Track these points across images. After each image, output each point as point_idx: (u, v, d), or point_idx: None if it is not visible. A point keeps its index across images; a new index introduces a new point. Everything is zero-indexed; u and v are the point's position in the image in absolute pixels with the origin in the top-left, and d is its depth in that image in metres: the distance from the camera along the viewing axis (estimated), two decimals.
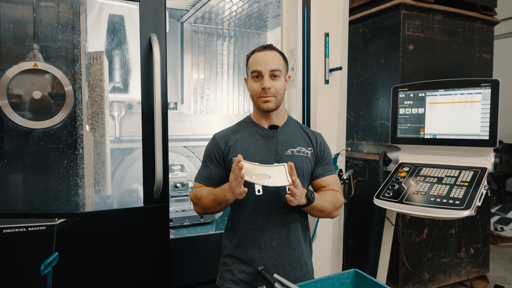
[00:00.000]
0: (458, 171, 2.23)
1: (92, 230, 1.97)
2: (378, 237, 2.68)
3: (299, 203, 1.51)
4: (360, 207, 3.35)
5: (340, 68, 2.52)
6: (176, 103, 3.33)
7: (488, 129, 2.16)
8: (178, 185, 2.83)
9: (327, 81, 2.55)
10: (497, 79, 2.14)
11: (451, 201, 2.03)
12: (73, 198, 2.02)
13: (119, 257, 2.04)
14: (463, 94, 2.27)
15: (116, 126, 2.89)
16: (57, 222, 1.89)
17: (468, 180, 2.13)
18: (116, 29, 2.63)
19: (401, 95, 2.52)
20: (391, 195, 2.26)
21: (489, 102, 2.16)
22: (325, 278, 1.45)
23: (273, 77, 1.60)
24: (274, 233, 1.61)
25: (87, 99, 2.07)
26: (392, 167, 2.58)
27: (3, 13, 1.85)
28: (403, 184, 2.30)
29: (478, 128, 2.20)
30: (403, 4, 3.03)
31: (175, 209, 2.72)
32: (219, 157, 1.67)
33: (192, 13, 3.18)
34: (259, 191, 1.44)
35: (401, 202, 2.18)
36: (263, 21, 3.46)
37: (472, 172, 2.18)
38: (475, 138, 2.21)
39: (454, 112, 2.30)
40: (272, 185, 1.47)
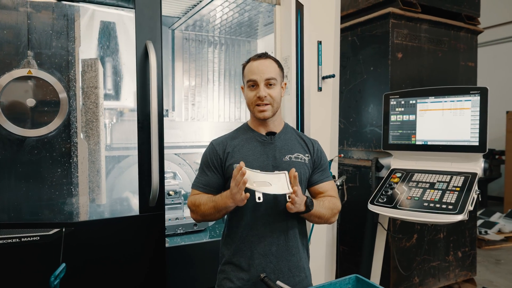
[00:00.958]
0: (449, 177, 2.28)
1: (87, 239, 1.93)
2: (371, 243, 2.71)
3: (298, 210, 1.52)
4: (351, 213, 3.38)
5: (333, 76, 2.56)
6: (167, 110, 3.30)
7: (478, 135, 2.22)
8: (171, 192, 2.80)
9: (320, 89, 2.58)
10: (485, 87, 2.21)
11: (444, 206, 2.07)
12: (67, 207, 1.98)
13: (115, 266, 2.00)
14: (453, 101, 2.33)
15: (107, 133, 2.85)
16: (51, 232, 1.85)
17: (460, 185, 2.18)
18: (108, 36, 2.60)
19: (393, 102, 2.57)
20: (385, 200, 2.29)
21: (478, 109, 2.23)
22: (327, 284, 1.45)
23: (268, 85, 1.61)
24: (273, 240, 1.62)
25: (81, 106, 2.04)
26: (384, 173, 2.62)
27: None
28: (396, 190, 2.34)
29: (468, 134, 2.26)
30: (392, 13, 3.10)
31: (169, 217, 2.68)
32: (217, 163, 1.67)
33: (184, 20, 3.18)
34: (259, 198, 1.44)
35: (395, 207, 2.21)
36: (253, 29, 3.48)
37: (463, 177, 2.23)
38: (465, 144, 2.27)
39: (445, 118, 2.36)
40: (272, 193, 1.48)
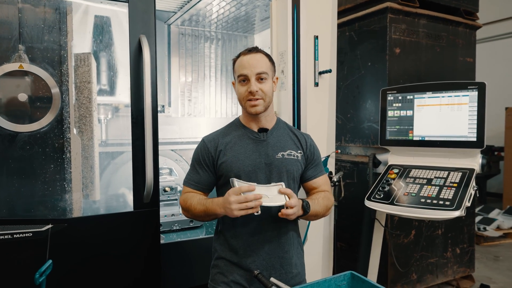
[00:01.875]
0: (447, 172, 2.26)
1: (80, 236, 1.91)
2: (368, 239, 2.69)
3: (297, 215, 1.52)
4: (349, 209, 3.36)
5: (329, 71, 2.53)
6: (163, 106, 3.29)
7: (475, 130, 2.20)
8: (167, 189, 2.79)
9: (316, 84, 2.56)
10: (483, 82, 2.18)
11: (441, 202, 2.05)
12: (60, 204, 1.96)
13: (109, 263, 1.99)
14: (451, 96, 2.30)
15: (102, 129, 2.83)
16: (44, 229, 1.83)
17: (457, 181, 2.16)
18: (102, 30, 2.57)
19: (390, 97, 2.54)
20: (382, 196, 2.27)
21: (476, 104, 2.20)
22: (321, 281, 1.44)
23: (260, 80, 1.59)
24: (265, 236, 1.60)
25: (74, 101, 2.02)
26: (381, 169, 2.60)
27: None
28: (393, 186, 2.32)
29: (466, 130, 2.24)
30: (390, 8, 3.07)
31: (164, 213, 2.67)
32: (208, 161, 1.65)
33: (180, 15, 3.15)
34: (258, 212, 1.45)
35: (392, 203, 2.19)
36: (250, 24, 3.46)
37: (461, 173, 2.21)
38: (463, 139, 2.25)
39: (442, 114, 2.34)
40: (270, 205, 1.47)
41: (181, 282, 2.33)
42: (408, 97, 2.47)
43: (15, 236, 1.77)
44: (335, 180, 2.61)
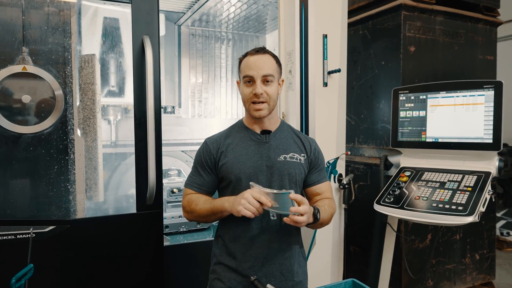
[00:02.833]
0: (461, 176, 2.16)
1: (83, 237, 1.91)
2: (380, 244, 2.61)
3: (308, 222, 1.45)
4: (362, 212, 3.27)
5: (338, 71, 2.47)
6: (173, 107, 3.28)
7: (491, 132, 2.09)
8: (174, 190, 2.77)
9: (325, 84, 2.49)
10: (500, 81, 2.07)
11: (453, 207, 1.96)
12: (64, 205, 1.97)
13: (111, 265, 1.98)
14: (466, 96, 2.20)
15: (112, 130, 2.84)
16: (47, 229, 1.84)
17: (472, 185, 2.06)
18: (111, 32, 2.58)
19: (402, 97, 2.46)
20: (391, 200, 2.19)
21: (492, 104, 2.10)
22: None
23: (265, 82, 1.55)
24: (265, 241, 1.55)
25: (78, 103, 2.02)
26: (393, 172, 2.52)
27: None
28: (404, 189, 2.23)
29: (482, 131, 2.13)
30: (404, 5, 2.97)
31: (171, 215, 2.66)
32: (210, 163, 1.62)
33: (189, 15, 3.14)
34: (273, 215, 1.48)
35: (402, 207, 2.11)
36: (261, 23, 3.41)
37: (476, 177, 2.10)
38: (478, 141, 2.14)
39: (457, 114, 2.24)
40: (283, 213, 1.42)
41: (185, 285, 2.31)
42: (421, 97, 2.38)
43: (18, 237, 1.79)
44: (345, 182, 2.54)
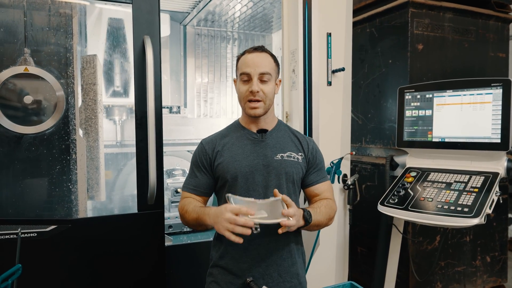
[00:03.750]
0: (468, 176, 2.10)
1: (84, 236, 1.92)
2: (385, 245, 2.56)
3: (298, 226, 1.42)
4: (369, 213, 3.21)
5: (343, 69, 2.43)
6: (179, 107, 3.28)
7: (499, 131, 2.03)
8: (179, 190, 2.77)
9: (329, 83, 2.46)
10: (508, 79, 2.01)
11: (459, 209, 1.91)
12: (65, 204, 1.98)
13: (113, 264, 1.98)
14: (473, 94, 2.14)
15: (117, 130, 2.86)
16: (49, 229, 1.85)
17: (479, 186, 2.01)
18: (115, 32, 2.60)
19: (408, 96, 2.41)
20: (396, 201, 2.15)
21: (500, 103, 2.04)
22: None
23: (262, 80, 1.53)
24: (262, 242, 1.53)
25: (80, 103, 2.03)
26: (399, 172, 2.47)
27: None
28: (409, 190, 2.19)
29: (489, 131, 2.07)
30: (411, 2, 2.91)
31: (176, 215, 2.65)
32: (206, 163, 1.60)
33: (194, 14, 3.13)
34: (256, 228, 1.34)
35: (406, 209, 2.07)
36: (267, 22, 3.39)
37: (483, 177, 2.05)
38: (486, 141, 2.08)
39: (464, 113, 2.18)
40: (268, 223, 1.37)
41: (188, 285, 2.30)
42: (427, 95, 2.33)
43: (5, 237, 1.79)
44: (350, 183, 2.50)
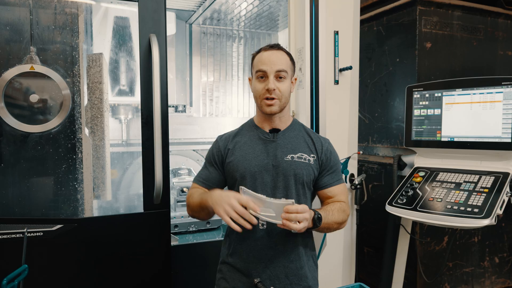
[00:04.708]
0: (477, 176, 2.07)
1: (90, 236, 1.91)
2: (393, 246, 2.53)
3: (306, 227, 1.39)
4: (376, 213, 3.19)
5: (350, 68, 2.40)
6: (184, 106, 3.27)
7: (510, 130, 2.00)
8: (184, 189, 2.76)
9: (336, 82, 2.43)
10: None
11: (469, 209, 1.88)
12: (71, 204, 1.98)
13: (118, 264, 1.98)
14: (483, 93, 2.11)
15: (123, 129, 2.85)
16: (55, 228, 1.85)
17: (489, 186, 1.98)
18: (121, 31, 2.59)
19: (416, 95, 2.38)
20: (404, 201, 2.12)
21: (511, 102, 2.00)
22: None
23: (278, 78, 1.51)
24: (270, 244, 1.51)
25: (86, 102, 2.03)
26: (407, 172, 2.44)
27: None
28: (417, 190, 2.16)
29: (500, 130, 2.04)
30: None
31: (181, 214, 2.64)
32: (218, 159, 1.61)
33: (200, 13, 3.12)
34: (263, 225, 1.40)
35: (415, 209, 2.04)
36: (273, 20, 3.37)
37: (493, 178, 2.02)
38: (496, 140, 2.05)
39: (473, 113, 2.15)
40: (269, 221, 1.36)
41: (193, 285, 2.29)
42: (436, 94, 2.30)
43: (26, 235, 1.80)
44: (357, 183, 2.48)
